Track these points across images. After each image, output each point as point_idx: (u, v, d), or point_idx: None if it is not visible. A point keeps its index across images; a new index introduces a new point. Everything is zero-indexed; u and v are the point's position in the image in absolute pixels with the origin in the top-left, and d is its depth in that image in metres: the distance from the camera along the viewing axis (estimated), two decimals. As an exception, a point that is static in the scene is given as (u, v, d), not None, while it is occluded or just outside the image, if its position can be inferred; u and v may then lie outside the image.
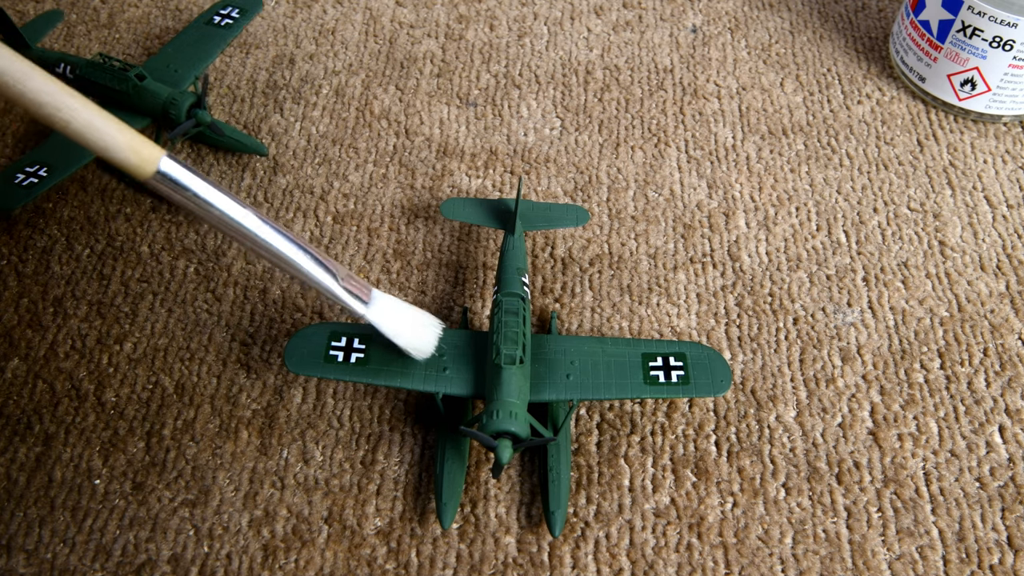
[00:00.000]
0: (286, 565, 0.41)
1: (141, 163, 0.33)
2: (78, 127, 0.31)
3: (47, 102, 0.31)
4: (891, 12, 0.67)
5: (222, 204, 0.35)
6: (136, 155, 0.33)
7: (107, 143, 0.32)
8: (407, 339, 0.41)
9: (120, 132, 0.32)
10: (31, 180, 0.52)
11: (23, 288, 0.51)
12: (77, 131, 0.32)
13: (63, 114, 0.31)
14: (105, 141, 0.32)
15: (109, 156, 0.32)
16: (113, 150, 0.32)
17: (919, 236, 0.53)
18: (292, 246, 0.37)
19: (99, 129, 0.32)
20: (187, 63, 0.58)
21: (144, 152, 0.33)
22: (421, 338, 0.42)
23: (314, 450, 0.44)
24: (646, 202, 0.55)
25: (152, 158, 0.33)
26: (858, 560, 0.41)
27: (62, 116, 0.31)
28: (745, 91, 0.61)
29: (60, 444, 0.45)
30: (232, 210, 0.35)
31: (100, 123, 0.32)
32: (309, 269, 0.38)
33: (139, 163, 0.33)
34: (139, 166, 0.33)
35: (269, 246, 0.37)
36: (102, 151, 0.32)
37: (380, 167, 0.57)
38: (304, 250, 0.38)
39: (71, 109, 0.31)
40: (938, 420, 0.45)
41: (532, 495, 0.43)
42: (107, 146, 0.32)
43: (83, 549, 0.41)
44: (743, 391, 0.46)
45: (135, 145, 0.33)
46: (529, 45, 0.64)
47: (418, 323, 0.42)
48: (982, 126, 0.59)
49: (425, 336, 0.42)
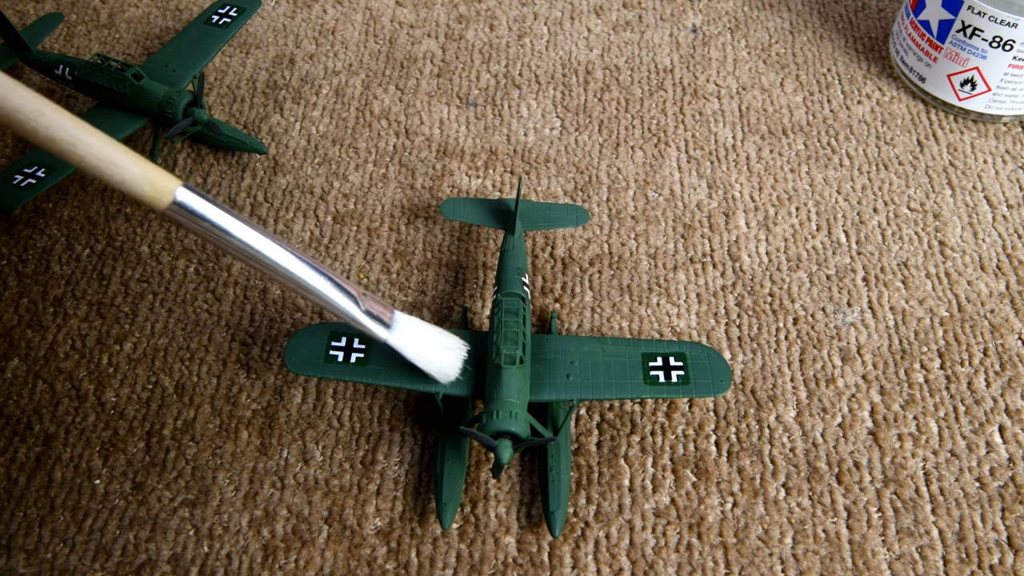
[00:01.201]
0: (286, 565, 0.41)
1: (157, 195, 0.33)
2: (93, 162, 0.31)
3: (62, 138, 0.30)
4: (891, 12, 0.67)
5: (240, 232, 0.35)
6: (152, 187, 0.32)
7: (123, 177, 0.32)
8: (431, 363, 0.41)
9: (136, 165, 0.32)
10: (29, 181, 0.52)
11: (23, 288, 0.51)
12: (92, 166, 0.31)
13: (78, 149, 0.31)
14: (121, 175, 0.32)
15: (125, 189, 0.32)
16: (129, 183, 0.32)
17: (919, 236, 0.53)
18: (312, 272, 0.37)
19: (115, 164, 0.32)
20: (185, 62, 0.58)
21: (160, 183, 0.33)
22: (445, 362, 0.41)
23: (314, 450, 0.44)
24: (646, 202, 0.55)
25: (168, 189, 0.33)
26: (858, 560, 0.41)
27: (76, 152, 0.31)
28: (745, 91, 0.61)
29: (60, 444, 0.45)
30: (251, 238, 0.35)
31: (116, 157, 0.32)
32: (331, 296, 0.37)
33: (155, 195, 0.33)
34: (155, 198, 0.33)
35: (289, 273, 0.36)
36: (118, 184, 0.32)
37: (380, 167, 0.57)
38: (324, 275, 0.37)
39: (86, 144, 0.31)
40: (938, 420, 0.45)
41: (532, 495, 0.43)
42: (123, 179, 0.32)
43: (83, 549, 0.41)
44: (743, 391, 0.46)
45: (151, 177, 0.32)
46: (529, 45, 0.64)
47: (441, 346, 0.41)
48: (982, 126, 0.59)
49: (449, 359, 0.41)
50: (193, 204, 0.34)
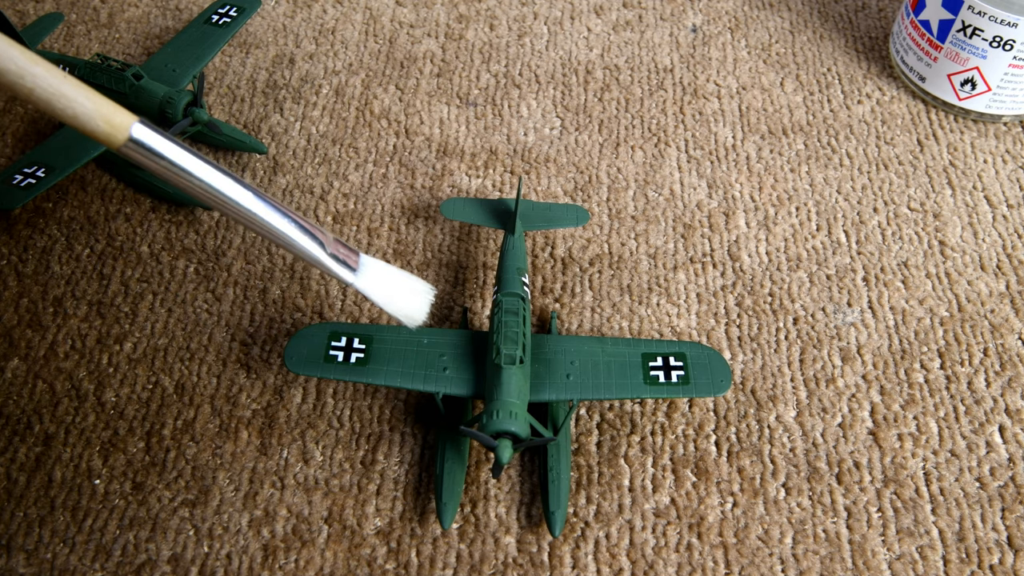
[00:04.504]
0: (286, 565, 0.41)
1: (112, 131, 0.31)
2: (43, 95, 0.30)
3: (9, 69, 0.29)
4: (891, 12, 0.67)
5: (200, 171, 0.33)
6: (107, 123, 0.31)
7: (75, 111, 0.30)
8: (398, 307, 0.40)
9: (88, 99, 0.30)
10: (29, 181, 0.52)
11: (23, 288, 0.51)
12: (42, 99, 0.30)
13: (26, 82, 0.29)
14: (74, 109, 0.30)
15: (78, 125, 0.31)
16: (82, 118, 0.30)
17: (919, 236, 0.53)
18: (276, 214, 0.35)
19: (66, 96, 0.30)
20: (185, 62, 0.58)
21: (115, 120, 0.31)
22: (413, 305, 0.40)
23: (314, 450, 0.44)
24: (646, 202, 0.55)
25: (123, 125, 0.31)
26: (858, 560, 0.41)
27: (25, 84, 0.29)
28: (745, 91, 0.61)
29: (60, 444, 0.45)
30: (212, 177, 0.34)
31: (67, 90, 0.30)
32: (295, 238, 0.36)
33: (110, 131, 0.31)
34: (110, 134, 0.31)
35: (252, 214, 0.35)
36: (71, 120, 0.31)
37: (380, 167, 0.57)
38: (289, 218, 0.36)
39: (34, 76, 0.29)
40: (938, 420, 0.45)
41: (532, 495, 0.43)
42: (76, 114, 0.30)
43: (83, 549, 0.41)
44: (743, 391, 0.46)
45: (105, 113, 0.31)
46: (529, 45, 0.64)
47: (409, 289, 0.40)
48: (982, 126, 0.59)
49: (417, 303, 0.40)
50: (149, 141, 0.32)
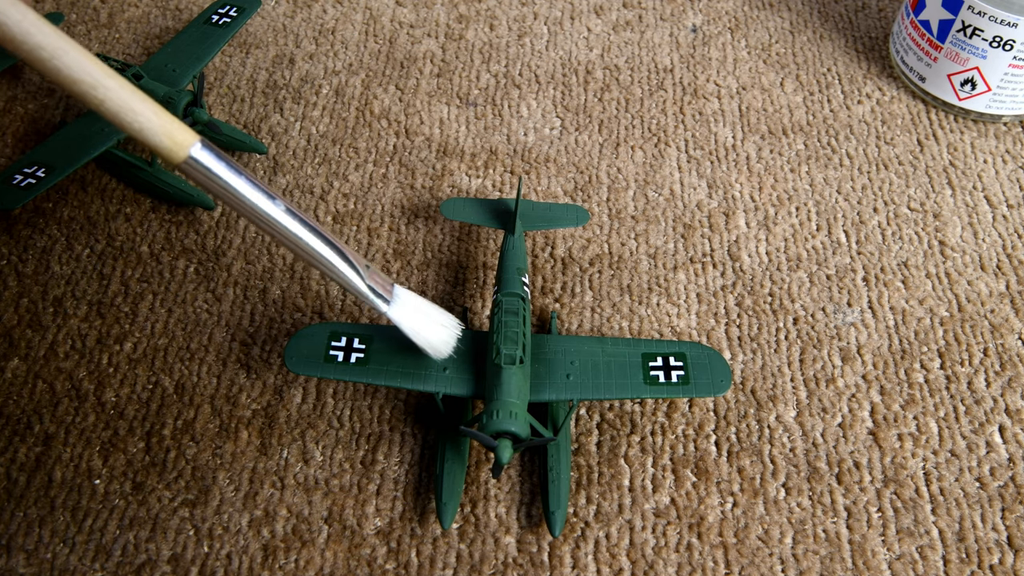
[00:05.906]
0: (286, 565, 0.41)
1: (174, 148, 0.33)
2: (113, 107, 0.31)
3: (83, 79, 0.30)
4: (891, 12, 0.67)
5: (250, 195, 0.35)
6: (170, 139, 0.32)
7: (142, 125, 0.32)
8: (425, 338, 0.41)
9: (156, 115, 0.32)
10: (29, 181, 0.52)
11: (23, 288, 0.51)
12: (111, 111, 0.31)
13: (98, 93, 0.30)
14: (140, 123, 0.31)
15: (143, 138, 0.32)
16: (147, 133, 0.32)
17: (919, 236, 0.53)
18: (320, 242, 0.37)
19: (134, 111, 0.31)
20: (185, 62, 0.58)
21: (178, 137, 0.33)
22: (440, 338, 0.42)
23: (314, 450, 0.44)
24: (646, 202, 0.55)
25: (185, 143, 0.33)
26: (858, 560, 0.41)
27: (97, 95, 0.30)
28: (745, 91, 0.61)
29: (60, 444, 0.45)
30: (260, 202, 0.35)
31: (136, 105, 0.31)
32: (337, 266, 0.38)
33: (172, 147, 0.33)
34: (172, 151, 0.33)
35: (297, 239, 0.36)
36: (136, 133, 0.32)
37: (380, 167, 0.57)
38: (331, 245, 0.37)
39: (107, 88, 0.30)
40: (938, 420, 0.45)
41: (532, 495, 0.43)
42: (142, 128, 0.32)
43: (83, 549, 0.41)
44: (743, 391, 0.46)
45: (169, 129, 0.32)
46: (529, 45, 0.64)
47: (438, 323, 0.42)
48: (982, 126, 0.59)
49: (444, 336, 0.42)
50: (208, 163, 0.34)
